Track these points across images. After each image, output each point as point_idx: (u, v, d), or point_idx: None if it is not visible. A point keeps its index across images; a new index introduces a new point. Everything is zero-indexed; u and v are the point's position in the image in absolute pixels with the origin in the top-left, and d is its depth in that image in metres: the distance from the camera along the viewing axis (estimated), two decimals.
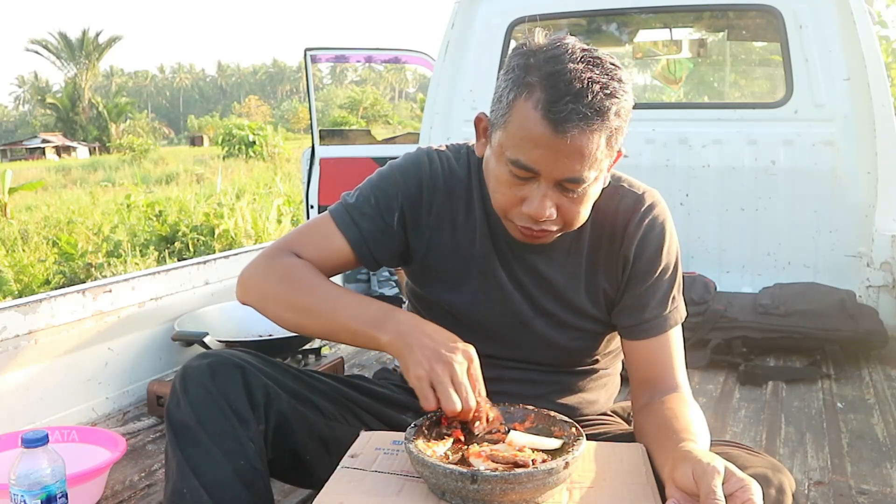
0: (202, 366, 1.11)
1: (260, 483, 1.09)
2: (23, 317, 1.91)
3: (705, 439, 1.03)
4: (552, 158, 1.01)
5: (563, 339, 1.23)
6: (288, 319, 1.17)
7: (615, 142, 1.04)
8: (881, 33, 7.02)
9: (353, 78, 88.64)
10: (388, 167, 1.25)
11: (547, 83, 1.00)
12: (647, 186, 1.24)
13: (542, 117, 0.99)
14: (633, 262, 1.18)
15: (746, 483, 0.83)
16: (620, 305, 1.21)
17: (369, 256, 1.22)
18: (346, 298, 1.14)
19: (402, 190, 1.22)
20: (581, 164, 1.01)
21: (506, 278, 1.22)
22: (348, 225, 1.21)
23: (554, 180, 1.04)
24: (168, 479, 1.09)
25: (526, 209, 1.07)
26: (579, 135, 0.99)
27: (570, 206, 1.07)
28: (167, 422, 1.09)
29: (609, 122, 1.00)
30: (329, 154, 4.05)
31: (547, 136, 1.00)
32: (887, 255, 2.66)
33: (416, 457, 0.94)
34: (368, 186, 1.24)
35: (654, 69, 4.60)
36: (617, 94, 1.00)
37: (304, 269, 1.18)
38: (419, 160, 1.24)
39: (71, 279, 8.11)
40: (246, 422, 1.09)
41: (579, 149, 1.00)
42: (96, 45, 56.89)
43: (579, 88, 0.98)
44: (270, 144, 25.64)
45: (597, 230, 1.20)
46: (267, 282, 1.19)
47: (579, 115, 0.98)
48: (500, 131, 1.06)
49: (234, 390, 1.10)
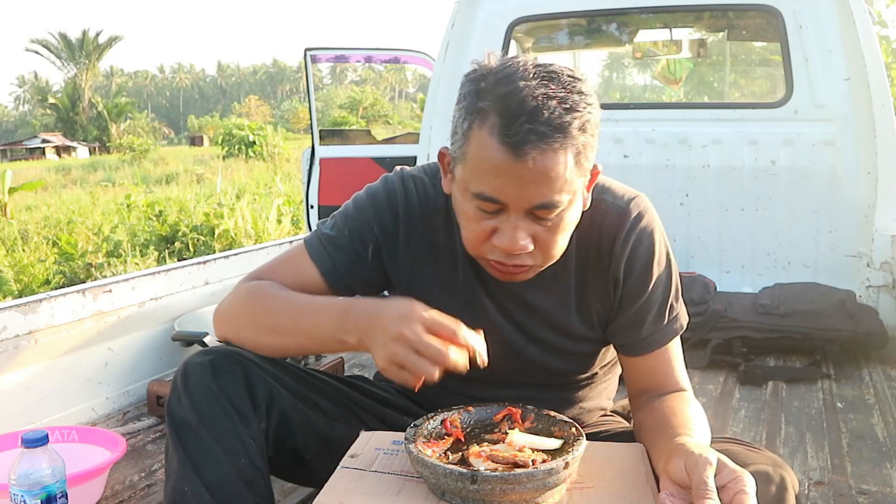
0: (204, 363, 1.10)
1: (261, 481, 1.09)
2: (23, 317, 1.91)
3: (705, 435, 1.02)
4: (517, 186, 0.94)
5: (558, 363, 1.21)
6: (262, 343, 1.13)
7: (584, 159, 0.97)
8: (881, 33, 7.02)
9: (353, 78, 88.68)
10: (365, 194, 1.20)
11: (499, 106, 0.93)
12: (631, 191, 1.16)
13: (498, 143, 0.92)
14: (624, 281, 1.13)
15: (739, 475, 0.82)
16: (616, 324, 1.17)
17: (343, 287, 1.18)
18: (306, 308, 1.09)
19: (376, 223, 1.17)
20: (549, 187, 0.94)
21: (493, 308, 1.17)
22: (321, 256, 1.17)
23: (523, 210, 0.97)
24: (169, 476, 1.09)
25: (497, 242, 0.99)
26: (541, 156, 0.92)
27: (546, 236, 1.00)
28: (168, 419, 1.09)
29: (573, 139, 0.93)
30: (329, 154, 4.06)
31: (507, 163, 0.92)
32: (887, 255, 2.66)
33: (416, 457, 0.94)
34: (342, 217, 1.20)
35: (654, 69, 4.60)
36: (578, 108, 0.93)
37: (267, 289, 1.14)
38: (393, 189, 1.18)
39: (71, 279, 8.11)
40: (247, 419, 1.08)
41: (544, 171, 0.93)
42: (96, 45, 56.92)
43: (534, 106, 0.91)
44: (270, 144, 25.65)
45: (582, 251, 1.13)
46: (235, 310, 1.16)
47: (537, 135, 0.91)
48: (460, 165, 1.00)
49: (236, 388, 1.09)
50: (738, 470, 0.83)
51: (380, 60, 4.81)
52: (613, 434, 1.23)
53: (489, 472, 0.90)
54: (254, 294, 1.15)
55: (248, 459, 1.07)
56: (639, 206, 1.14)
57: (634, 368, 1.19)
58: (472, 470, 0.91)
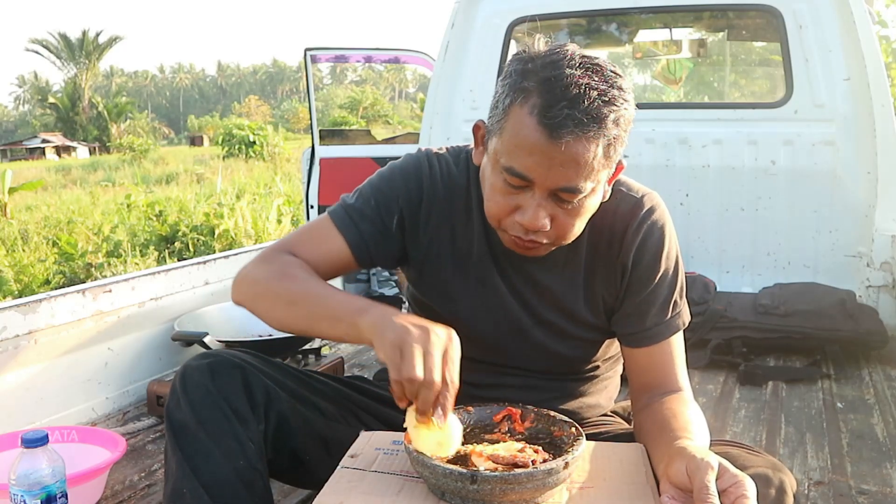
0: (202, 366, 1.10)
1: (260, 483, 1.09)
2: (23, 317, 1.91)
3: (704, 438, 1.03)
4: (546, 166, 0.99)
5: (562, 347, 1.22)
6: (276, 314, 1.14)
7: (613, 152, 1.01)
8: (881, 33, 7.02)
9: (353, 78, 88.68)
10: (389, 169, 1.24)
11: (543, 88, 0.97)
12: (646, 189, 1.21)
13: (536, 123, 0.97)
14: (632, 269, 1.16)
15: (740, 479, 0.83)
16: (620, 313, 1.19)
17: (367, 258, 1.21)
18: (335, 291, 1.12)
19: (401, 194, 1.20)
20: (576, 172, 0.99)
21: (504, 287, 1.20)
22: (348, 226, 1.19)
23: (548, 189, 1.01)
24: (168, 478, 1.09)
25: (519, 218, 1.04)
26: (574, 142, 0.96)
27: (564, 219, 1.05)
28: (167, 421, 1.09)
29: (606, 130, 0.97)
30: (329, 154, 4.05)
31: (541, 143, 0.97)
32: (887, 255, 2.66)
33: (416, 458, 0.94)
34: (368, 188, 1.23)
35: (654, 69, 4.60)
36: (616, 102, 0.98)
37: (298, 266, 1.16)
38: (419, 165, 1.22)
39: (71, 279, 8.11)
40: (246, 421, 1.09)
41: (574, 157, 0.97)
42: (96, 45, 56.90)
43: (576, 94, 0.96)
44: (270, 144, 25.65)
45: (594, 237, 1.17)
46: (260, 279, 1.17)
47: (575, 121, 0.95)
48: (495, 138, 1.04)
49: (234, 390, 1.09)
50: (738, 474, 0.84)
51: (380, 60, 4.81)
52: (614, 435, 1.23)
53: (489, 472, 0.90)
54: (286, 268, 1.15)
55: (247, 461, 1.07)
56: (652, 201, 1.19)
57: (637, 362, 1.20)
58: (472, 470, 0.91)
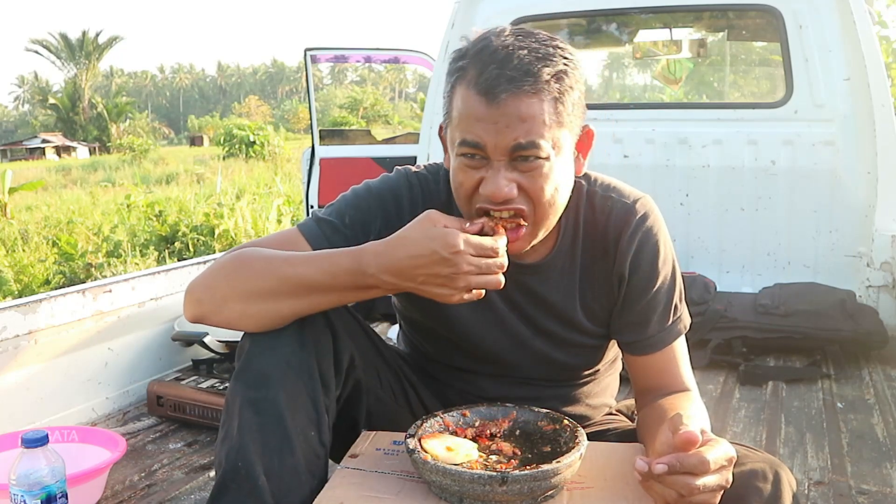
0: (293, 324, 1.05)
1: (321, 461, 1.06)
2: (23, 317, 1.91)
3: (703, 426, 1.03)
4: (493, 131, 0.99)
5: (562, 356, 1.21)
6: (252, 310, 1.04)
7: (565, 111, 1.01)
8: (881, 33, 7.02)
9: (353, 78, 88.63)
10: (366, 189, 1.19)
11: (475, 60, 1.01)
12: (638, 192, 1.18)
13: (475, 92, 1.00)
14: (629, 279, 1.15)
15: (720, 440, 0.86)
16: (621, 322, 1.18)
17: None
18: (310, 257, 1.05)
19: (380, 214, 1.16)
20: (523, 129, 0.99)
21: (499, 300, 1.17)
22: (317, 237, 1.13)
23: (503, 154, 1.00)
24: (226, 439, 1.03)
25: (483, 190, 1.03)
26: (511, 98, 0.98)
27: (531, 184, 1.02)
28: (243, 371, 1.04)
29: (545, 84, 0.99)
30: (329, 154, 4.06)
31: (482, 108, 0.99)
32: (887, 255, 2.66)
33: (435, 466, 0.93)
34: (343, 204, 1.18)
35: (654, 69, 4.60)
36: (551, 58, 1.00)
37: (255, 252, 1.08)
38: (398, 186, 1.19)
39: (71, 279, 8.11)
40: (328, 388, 1.07)
41: (515, 113, 0.98)
42: (96, 45, 56.90)
43: (505, 55, 0.99)
44: (270, 144, 25.63)
45: (588, 245, 1.16)
46: (218, 280, 1.07)
47: (507, 79, 0.98)
48: (450, 127, 1.06)
49: (325, 352, 1.07)
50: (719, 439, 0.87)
51: (380, 60, 4.81)
52: (619, 433, 1.23)
53: (518, 471, 0.91)
54: (240, 259, 1.07)
55: (318, 433, 1.04)
56: (645, 207, 1.16)
57: (641, 368, 1.19)
58: (502, 472, 0.91)
